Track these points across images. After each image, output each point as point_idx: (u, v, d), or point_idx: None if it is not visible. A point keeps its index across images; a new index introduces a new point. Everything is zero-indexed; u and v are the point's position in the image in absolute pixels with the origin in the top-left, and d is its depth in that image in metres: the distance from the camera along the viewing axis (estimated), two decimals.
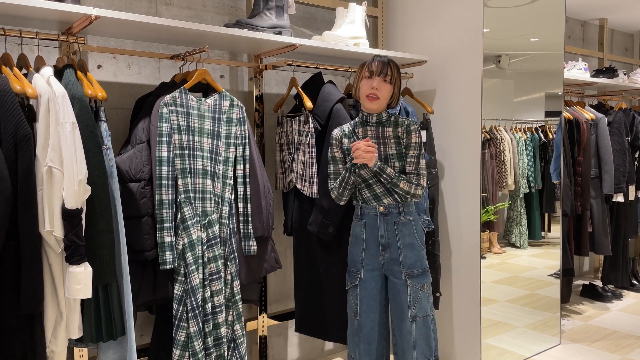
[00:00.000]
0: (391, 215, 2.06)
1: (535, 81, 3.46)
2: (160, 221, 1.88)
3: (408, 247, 2.06)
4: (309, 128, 2.27)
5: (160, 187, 1.89)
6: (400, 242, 2.06)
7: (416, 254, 2.07)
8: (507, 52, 3.23)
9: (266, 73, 2.68)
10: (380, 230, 2.07)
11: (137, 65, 2.30)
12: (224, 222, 2.04)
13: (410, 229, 2.07)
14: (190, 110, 1.98)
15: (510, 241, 3.57)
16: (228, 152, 2.06)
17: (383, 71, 1.99)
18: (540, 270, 3.53)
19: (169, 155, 1.91)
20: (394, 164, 2.05)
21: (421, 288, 2.06)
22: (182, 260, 1.93)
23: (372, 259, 2.09)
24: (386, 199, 2.06)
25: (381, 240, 2.08)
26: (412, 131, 2.05)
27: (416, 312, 2.05)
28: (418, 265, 2.07)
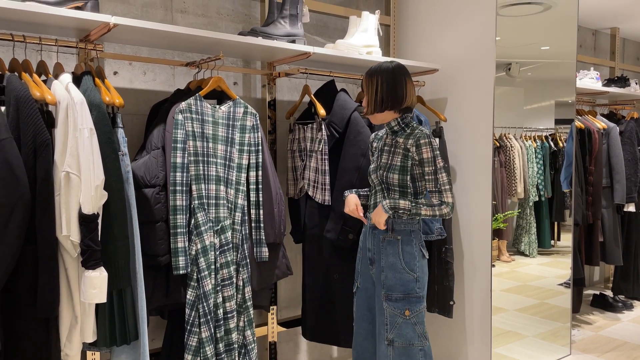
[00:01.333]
0: (379, 230, 1.99)
1: (545, 89, 3.45)
2: (174, 226, 1.90)
3: (389, 268, 1.95)
4: (321, 135, 2.29)
5: (174, 193, 1.91)
6: (383, 260, 1.97)
7: (397, 277, 1.93)
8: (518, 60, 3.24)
9: (279, 80, 2.70)
10: (368, 243, 2.04)
11: (152, 72, 2.33)
12: (236, 228, 2.05)
13: (395, 248, 1.95)
14: (205, 117, 2.00)
15: (520, 249, 3.55)
16: (241, 159, 2.08)
17: (362, 86, 2.01)
18: (549, 280, 3.51)
19: (184, 162, 1.93)
20: (392, 176, 1.95)
21: (400, 314, 1.92)
22: (195, 266, 1.94)
23: (365, 270, 2.07)
24: None
25: (369, 254, 2.04)
26: (421, 145, 1.91)
27: (393, 337, 1.93)
28: (398, 289, 1.93)
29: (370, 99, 1.97)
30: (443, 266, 2.69)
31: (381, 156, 2.03)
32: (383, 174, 1.98)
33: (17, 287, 1.56)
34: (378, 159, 2.04)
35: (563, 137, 3.66)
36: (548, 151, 3.64)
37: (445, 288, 2.69)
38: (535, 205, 3.57)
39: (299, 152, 2.45)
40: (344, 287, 2.35)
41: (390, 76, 1.94)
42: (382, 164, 2.01)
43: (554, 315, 3.40)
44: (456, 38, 2.79)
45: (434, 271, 2.69)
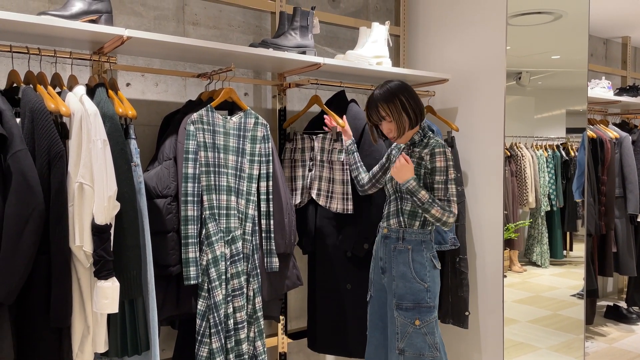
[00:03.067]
0: (390, 239, 2.02)
1: (556, 98, 3.43)
2: (185, 237, 1.91)
3: (400, 277, 1.96)
4: (340, 146, 2.32)
5: (186, 203, 1.92)
6: (394, 269, 1.98)
7: (408, 286, 1.94)
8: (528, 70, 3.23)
9: (289, 91, 2.71)
10: (380, 253, 2.06)
11: (164, 83, 2.36)
12: (247, 238, 2.06)
13: (406, 258, 1.96)
14: (216, 128, 2.02)
15: (531, 260, 3.53)
16: (252, 169, 2.09)
17: (379, 117, 1.99)
18: (562, 290, 3.48)
19: (195, 172, 1.94)
20: None
21: (411, 323, 1.93)
22: (206, 276, 1.94)
23: (378, 279, 2.09)
24: (393, 219, 2.02)
25: (380, 263, 2.06)
26: (435, 154, 1.94)
27: (404, 347, 1.93)
28: (409, 298, 1.94)
29: (398, 122, 1.96)
30: (458, 276, 2.67)
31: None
32: (398, 183, 1.99)
33: (30, 297, 1.57)
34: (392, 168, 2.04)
35: (574, 147, 3.65)
36: (559, 160, 3.63)
37: (460, 299, 2.67)
38: (547, 215, 3.55)
39: (301, 162, 2.44)
40: (356, 297, 2.34)
41: (408, 92, 1.98)
42: None
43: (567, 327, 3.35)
44: (466, 48, 2.79)
45: (448, 282, 2.68)
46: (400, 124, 1.96)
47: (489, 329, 2.77)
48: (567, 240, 3.65)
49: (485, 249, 2.78)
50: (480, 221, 2.79)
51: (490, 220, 2.73)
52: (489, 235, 2.74)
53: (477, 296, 2.83)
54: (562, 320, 3.37)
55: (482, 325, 2.81)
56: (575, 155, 3.64)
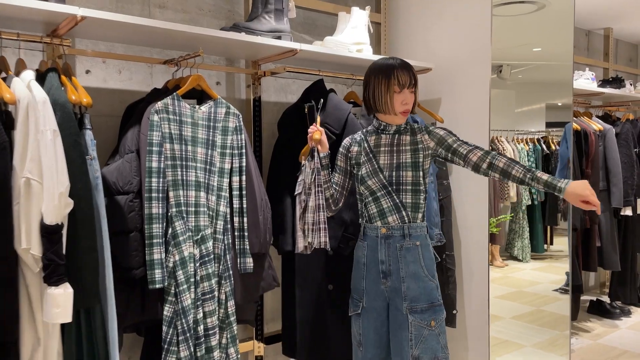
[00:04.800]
0: (394, 238, 1.82)
1: (538, 92, 3.38)
2: (149, 237, 1.75)
3: (411, 277, 1.80)
4: (314, 165, 1.87)
5: (150, 200, 1.75)
6: (403, 270, 1.80)
7: (422, 286, 1.80)
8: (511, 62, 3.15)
9: (264, 80, 2.56)
10: (381, 255, 1.84)
11: (128, 70, 2.18)
12: (218, 237, 1.90)
13: (415, 255, 1.81)
14: (183, 118, 1.85)
15: (513, 254, 3.47)
16: (223, 163, 1.94)
17: (411, 82, 1.80)
18: (544, 285, 3.42)
19: (160, 166, 1.78)
20: (406, 174, 1.82)
21: (427, 325, 1.78)
22: (173, 279, 1.79)
23: (374, 287, 1.86)
24: (392, 216, 1.83)
25: (382, 267, 1.84)
26: (432, 130, 1.86)
27: (419, 353, 1.77)
28: (423, 298, 1.79)
29: (416, 95, 1.85)
30: (445, 274, 2.57)
31: (377, 157, 1.87)
32: (391, 174, 1.83)
33: None
34: (372, 162, 1.87)
35: (555, 140, 3.61)
36: (540, 154, 3.58)
37: (448, 297, 2.58)
38: (527, 209, 3.49)
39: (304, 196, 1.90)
40: (338, 299, 2.20)
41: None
42: (384, 165, 1.86)
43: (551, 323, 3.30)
44: (450, 36, 2.68)
45: None
46: (416, 99, 1.85)
47: (475, 327, 2.68)
48: (548, 234, 3.61)
49: (470, 245, 2.68)
50: (465, 216, 2.69)
51: (475, 215, 2.64)
52: (474, 230, 2.65)
53: (463, 293, 2.73)
54: (546, 316, 3.32)
55: (468, 324, 2.72)
56: (556, 148, 3.59)
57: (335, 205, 1.97)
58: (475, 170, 1.80)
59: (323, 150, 1.90)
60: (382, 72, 1.79)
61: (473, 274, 2.68)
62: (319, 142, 1.87)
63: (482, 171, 1.79)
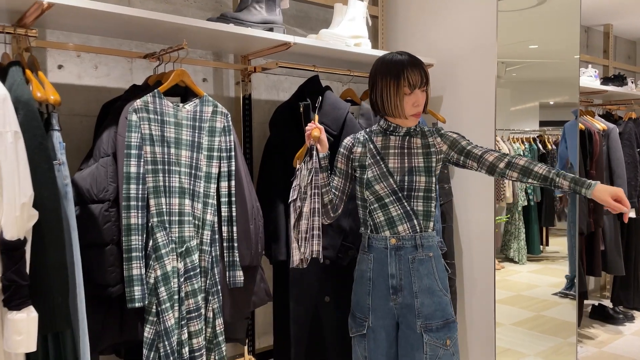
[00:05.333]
0: (405, 249, 1.65)
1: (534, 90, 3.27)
2: (127, 250, 1.57)
3: (426, 292, 1.64)
4: (312, 164, 1.68)
5: (128, 209, 1.57)
6: (416, 284, 1.65)
7: (436, 301, 1.65)
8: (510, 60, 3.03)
9: (255, 77, 2.38)
10: (391, 269, 1.66)
11: (106, 65, 1.99)
12: (205, 249, 1.73)
13: (429, 268, 1.66)
14: (165, 118, 1.67)
15: (509, 256, 3.38)
16: (210, 167, 1.76)
17: (422, 81, 1.64)
18: (543, 289, 3.32)
19: (139, 171, 1.60)
20: (419, 179, 1.66)
21: (442, 345, 1.62)
22: (154, 297, 1.61)
23: (382, 304, 1.68)
24: (402, 225, 1.66)
25: (391, 281, 1.66)
26: (444, 133, 1.73)
27: None
28: (439, 315, 1.64)
29: (427, 94, 1.69)
30: None
31: (385, 160, 1.70)
32: (403, 179, 1.67)
33: None
34: (380, 165, 1.70)
35: (551, 139, 3.52)
36: (536, 154, 3.48)
37: None
38: (523, 210, 3.40)
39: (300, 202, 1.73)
40: (336, 312, 2.03)
41: None
42: (395, 169, 1.68)
43: (553, 330, 3.17)
44: (452, 30, 2.53)
45: None
46: (427, 97, 1.70)
47: (479, 339, 2.53)
48: (544, 235, 3.52)
49: (473, 252, 2.53)
50: (468, 222, 2.53)
51: (479, 221, 2.48)
52: (478, 237, 2.50)
53: (464, 304, 2.58)
54: (547, 322, 3.19)
55: (469, 335, 2.57)
56: (552, 148, 3.50)
57: (334, 212, 1.80)
58: (490, 171, 1.65)
59: (323, 150, 1.71)
60: (390, 73, 1.62)
61: (476, 283, 2.53)
62: (319, 140, 1.69)
63: (498, 171, 1.64)
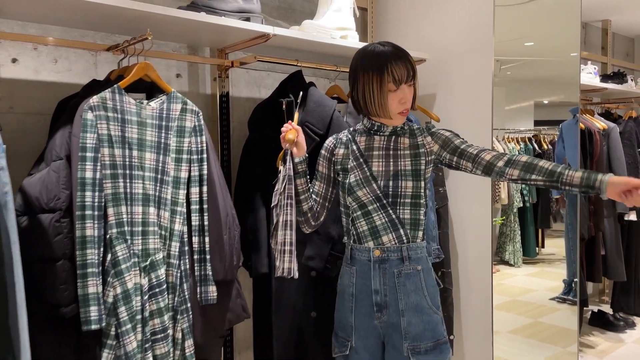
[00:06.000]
0: (390, 262, 1.50)
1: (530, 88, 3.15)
2: (82, 265, 1.39)
3: (413, 310, 1.49)
4: (286, 170, 1.52)
5: (82, 219, 1.39)
6: (403, 301, 1.49)
7: (425, 320, 1.49)
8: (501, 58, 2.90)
9: (234, 72, 2.21)
10: (374, 284, 1.51)
11: (67, 59, 1.81)
12: (172, 262, 1.55)
13: (417, 283, 1.50)
14: (126, 116, 1.50)
15: (504, 259, 3.25)
16: (179, 171, 1.58)
17: (409, 75, 1.46)
18: (539, 293, 3.20)
19: (95, 176, 1.42)
20: (405, 184, 1.49)
21: None
22: (113, 317, 1.43)
23: (366, 322, 1.53)
24: (387, 235, 1.50)
25: (375, 298, 1.51)
26: (435, 131, 1.56)
27: None
28: (428, 335, 1.48)
29: (415, 89, 1.52)
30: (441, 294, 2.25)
31: (369, 163, 1.54)
32: (387, 184, 1.50)
33: None
34: (363, 169, 1.53)
35: (547, 139, 3.42)
36: (532, 153, 3.36)
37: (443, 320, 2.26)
38: (519, 212, 3.27)
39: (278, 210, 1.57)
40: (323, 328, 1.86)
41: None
42: (379, 172, 1.52)
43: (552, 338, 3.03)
44: (447, 24, 2.37)
45: None
46: (415, 93, 1.52)
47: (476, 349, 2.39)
48: (540, 237, 3.43)
49: (469, 260, 2.37)
50: (463, 226, 2.38)
51: (476, 227, 2.33)
52: (475, 243, 2.35)
53: (461, 315, 2.42)
54: (545, 330, 3.06)
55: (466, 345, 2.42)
56: (548, 147, 3.38)
57: (315, 221, 1.62)
58: (487, 171, 1.46)
59: (299, 154, 1.53)
60: (373, 67, 1.45)
61: (473, 290, 2.38)
62: (294, 143, 1.51)
63: (496, 170, 1.44)
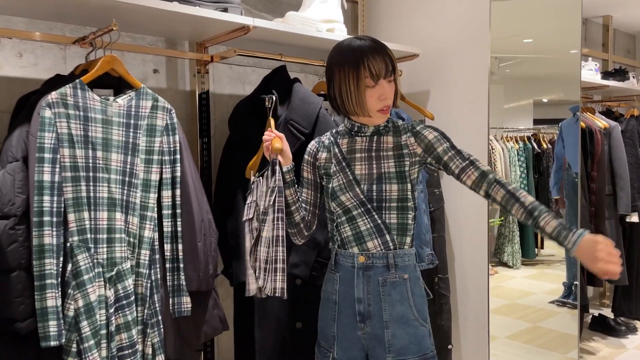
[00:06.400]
0: (375, 269, 1.40)
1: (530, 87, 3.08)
2: (40, 276, 1.27)
3: (398, 322, 1.38)
4: (276, 181, 1.41)
5: (40, 226, 1.28)
6: (387, 312, 1.38)
7: (411, 332, 1.39)
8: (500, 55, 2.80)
9: (216, 68, 2.09)
10: (358, 292, 1.41)
11: (32, 53, 1.70)
12: (142, 272, 1.43)
13: (403, 292, 1.40)
14: (90, 114, 1.38)
15: (502, 260, 3.21)
16: (149, 173, 1.47)
17: (388, 70, 1.35)
18: (539, 296, 3.13)
19: (54, 179, 1.30)
20: (390, 187, 1.39)
21: None
22: (75, 333, 1.31)
23: (348, 333, 1.43)
24: (372, 241, 1.40)
25: (358, 307, 1.41)
26: (419, 131, 1.42)
27: None
28: (413, 349, 1.38)
29: (396, 85, 1.40)
30: (437, 301, 2.16)
31: (351, 166, 1.43)
32: (371, 188, 1.39)
33: None
34: (345, 172, 1.43)
35: (546, 138, 3.36)
36: (531, 153, 3.30)
37: (441, 328, 2.18)
38: None
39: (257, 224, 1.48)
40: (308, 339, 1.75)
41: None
42: (361, 176, 1.41)
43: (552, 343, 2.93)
44: (441, 17, 2.26)
45: None
46: (397, 89, 1.40)
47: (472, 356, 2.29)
48: (539, 238, 3.34)
49: (466, 265, 2.27)
50: (460, 230, 2.27)
51: (472, 230, 2.22)
52: (472, 247, 2.24)
53: (458, 324, 2.31)
54: (545, 335, 2.97)
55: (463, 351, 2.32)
56: (547, 147, 3.32)
57: (308, 230, 1.52)
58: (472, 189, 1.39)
59: (286, 163, 1.43)
60: (348, 62, 1.34)
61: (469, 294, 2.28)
62: (281, 152, 1.41)
63: (480, 194, 1.37)
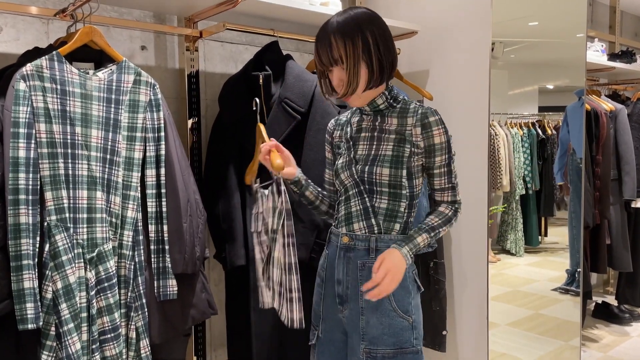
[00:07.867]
0: (356, 251, 1.33)
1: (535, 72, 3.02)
2: (16, 257, 1.22)
3: (373, 310, 1.30)
4: (282, 203, 1.37)
5: (15, 205, 1.22)
6: (363, 298, 1.30)
7: (386, 323, 1.29)
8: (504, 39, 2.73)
9: (208, 45, 2.02)
10: (338, 273, 1.35)
11: (14, 27, 1.63)
12: (125, 253, 1.38)
13: None
14: (67, 88, 1.32)
15: (505, 247, 3.13)
16: (132, 151, 1.41)
17: (330, 59, 1.27)
18: (541, 284, 3.10)
19: (30, 155, 1.24)
20: (381, 170, 1.31)
21: None
22: (53, 315, 1.26)
23: (332, 313, 1.38)
24: (358, 223, 1.34)
25: (338, 289, 1.35)
26: (431, 125, 1.30)
27: None
28: (387, 341, 1.29)
29: (352, 71, 1.27)
30: (432, 286, 2.11)
31: (356, 146, 1.37)
32: (364, 170, 1.32)
33: None
34: (351, 151, 1.37)
35: (551, 124, 3.29)
36: (535, 139, 3.22)
37: (436, 314, 2.13)
38: (521, 199, 3.15)
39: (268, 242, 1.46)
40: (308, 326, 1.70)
41: (379, 28, 1.28)
42: (360, 156, 1.35)
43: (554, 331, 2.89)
44: None
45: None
46: (354, 75, 1.26)
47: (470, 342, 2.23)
48: (542, 225, 3.29)
49: (463, 250, 2.21)
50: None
51: (471, 214, 2.15)
52: (470, 232, 2.18)
53: (454, 309, 2.26)
54: (547, 322, 2.93)
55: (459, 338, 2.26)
56: (552, 133, 3.26)
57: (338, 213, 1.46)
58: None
59: (289, 176, 1.39)
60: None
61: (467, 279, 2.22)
62: (283, 169, 1.36)
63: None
